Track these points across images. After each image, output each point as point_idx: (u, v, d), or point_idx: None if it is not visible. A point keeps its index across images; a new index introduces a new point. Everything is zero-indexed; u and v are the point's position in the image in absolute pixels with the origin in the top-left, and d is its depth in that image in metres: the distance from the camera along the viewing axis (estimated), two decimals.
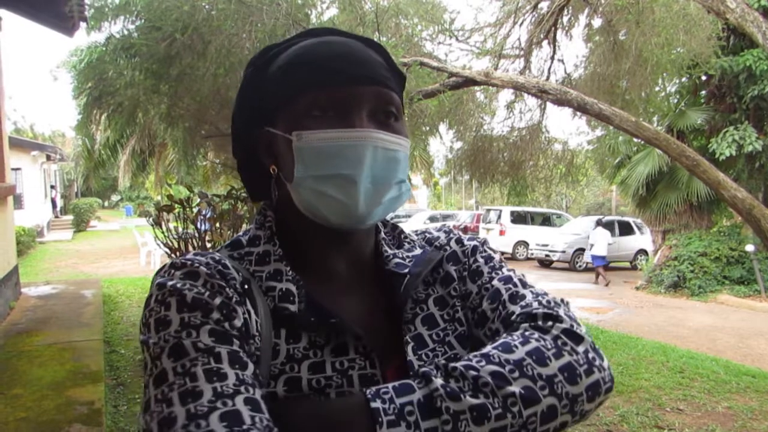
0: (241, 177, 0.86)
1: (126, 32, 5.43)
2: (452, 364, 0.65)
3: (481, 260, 0.85)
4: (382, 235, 0.86)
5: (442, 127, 9.09)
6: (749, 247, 11.67)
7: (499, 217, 19.90)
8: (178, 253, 5.19)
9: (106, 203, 41.08)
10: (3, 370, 4.57)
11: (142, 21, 5.24)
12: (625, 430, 4.29)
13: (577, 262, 17.00)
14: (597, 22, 7.60)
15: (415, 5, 6.46)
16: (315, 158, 0.70)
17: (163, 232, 5.02)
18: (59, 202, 30.25)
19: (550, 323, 0.72)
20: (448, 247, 0.86)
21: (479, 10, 27.26)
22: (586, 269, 17.03)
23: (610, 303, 11.26)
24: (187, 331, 0.61)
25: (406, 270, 0.80)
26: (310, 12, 5.48)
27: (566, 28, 7.87)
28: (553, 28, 7.50)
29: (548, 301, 0.76)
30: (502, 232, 19.63)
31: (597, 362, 0.71)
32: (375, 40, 0.84)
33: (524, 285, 0.81)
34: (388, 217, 0.85)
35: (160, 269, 0.70)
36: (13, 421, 3.58)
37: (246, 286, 0.69)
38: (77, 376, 4.45)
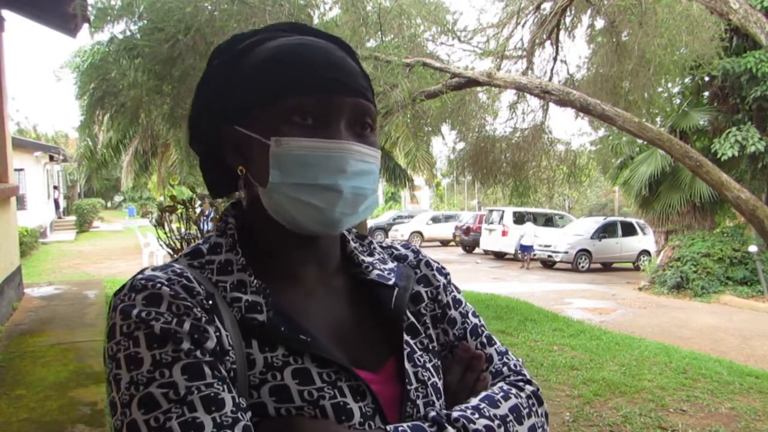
0: (201, 173, 0.84)
1: (129, 33, 5.44)
2: (453, 415, 0.71)
3: (452, 303, 0.89)
4: (353, 244, 0.85)
5: (445, 128, 9.10)
6: (752, 248, 11.64)
7: (502, 217, 19.88)
8: (179, 253, 5.19)
9: (108, 204, 41.16)
10: (6, 371, 4.58)
11: (145, 22, 5.25)
12: (628, 430, 4.28)
13: (580, 263, 16.99)
14: (600, 23, 7.59)
15: (418, 6, 6.46)
16: (294, 166, 0.69)
17: (165, 233, 5.03)
18: (62, 203, 30.31)
19: (521, 383, 0.82)
20: (418, 270, 0.89)
21: (482, 11, 27.26)
22: (589, 270, 17.04)
23: (613, 304, 11.24)
24: (160, 370, 0.60)
25: (391, 282, 0.81)
26: (312, 12, 5.48)
27: (569, 29, 7.86)
28: (555, 29, 7.49)
29: (515, 365, 0.86)
30: (504, 233, 19.61)
31: (546, 427, 0.80)
32: (344, 41, 0.82)
33: (489, 341, 0.88)
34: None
35: (120, 290, 0.67)
36: (16, 421, 3.58)
37: (211, 301, 0.67)
38: (80, 376, 4.46)
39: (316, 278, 0.78)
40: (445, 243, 24.99)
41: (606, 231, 17.85)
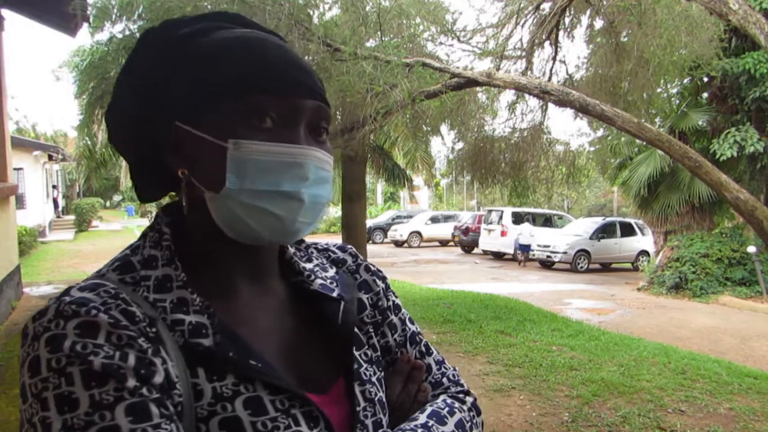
0: (130, 172, 0.74)
1: (128, 32, 5.44)
2: None
3: (392, 309, 0.86)
4: (292, 250, 0.80)
5: (444, 128, 9.11)
6: (751, 249, 11.65)
7: (501, 218, 19.89)
8: None
9: (107, 203, 41.14)
10: (5, 370, 4.58)
11: (145, 21, 5.25)
12: (627, 430, 4.28)
13: (578, 263, 17.00)
14: (599, 23, 7.60)
15: (418, 6, 6.46)
16: (255, 172, 0.63)
17: None
18: (61, 202, 30.29)
19: (462, 395, 0.82)
20: (357, 275, 0.85)
21: (481, 11, 27.30)
22: (588, 270, 17.05)
23: (612, 304, 11.24)
24: (100, 413, 0.52)
25: (335, 294, 0.77)
26: (312, 12, 5.48)
27: (568, 29, 7.86)
28: (555, 29, 7.50)
29: (453, 375, 0.86)
30: (503, 233, 19.62)
31: None
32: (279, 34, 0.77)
33: (428, 350, 0.87)
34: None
35: (41, 315, 0.58)
36: (15, 420, 3.58)
37: (155, 328, 0.60)
38: None
39: (256, 291, 0.73)
40: (444, 243, 24.99)
41: (605, 231, 17.87)
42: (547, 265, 17.78)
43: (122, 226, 27.95)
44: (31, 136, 29.79)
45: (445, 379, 0.84)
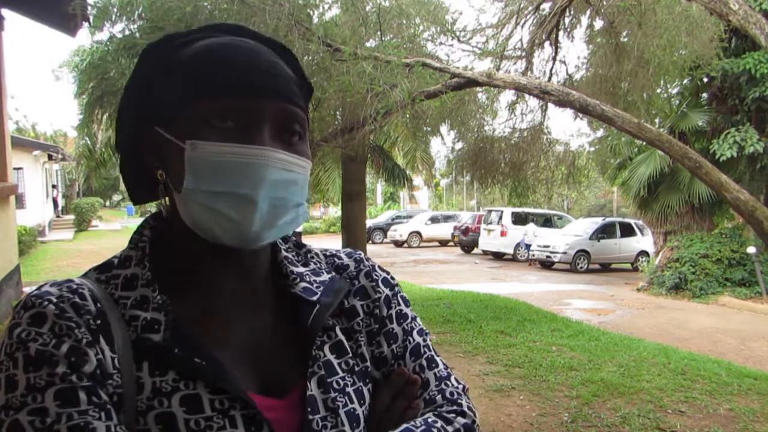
0: (122, 175, 0.78)
1: (128, 32, 5.44)
2: None
3: (394, 318, 0.82)
4: (284, 254, 0.79)
5: (444, 128, 9.11)
6: (751, 249, 11.65)
7: (501, 218, 19.89)
8: None
9: (107, 203, 41.17)
10: None
11: (145, 21, 5.25)
12: (627, 431, 4.28)
13: (578, 264, 17.01)
14: (599, 24, 7.60)
15: (418, 6, 6.46)
16: (208, 172, 0.64)
17: None
18: (61, 202, 30.29)
19: (453, 415, 0.75)
20: (356, 281, 0.82)
21: (481, 11, 27.30)
22: (588, 270, 17.05)
23: (612, 304, 11.25)
24: (33, 395, 0.57)
25: (315, 297, 0.76)
26: (312, 12, 5.48)
27: (568, 30, 7.86)
28: (555, 30, 7.50)
29: (452, 392, 0.78)
30: (503, 233, 19.63)
31: None
32: (285, 45, 0.78)
33: (430, 364, 0.81)
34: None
35: (17, 305, 0.64)
36: None
37: (99, 321, 0.63)
38: None
39: (235, 292, 0.73)
40: (443, 243, 24.99)
41: (605, 232, 17.87)
42: (546, 265, 17.78)
43: (122, 226, 27.95)
44: (30, 135, 29.80)
45: (439, 397, 0.77)
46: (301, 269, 0.79)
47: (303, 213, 0.72)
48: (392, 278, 0.86)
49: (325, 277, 0.80)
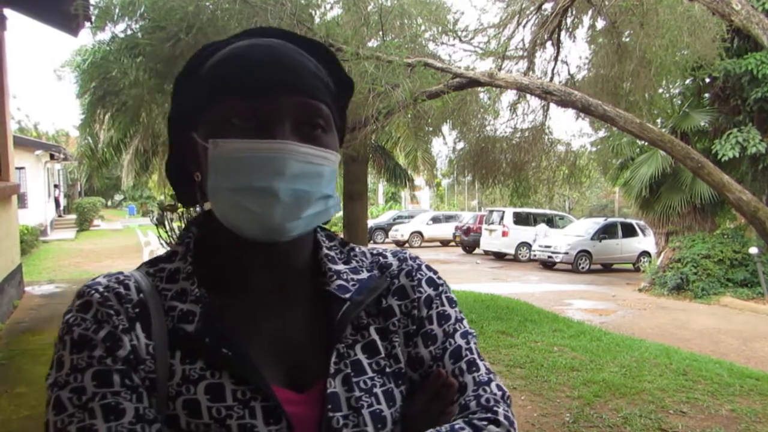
0: (169, 181, 0.83)
1: (130, 32, 5.44)
2: None
3: (435, 318, 0.80)
4: (325, 251, 0.80)
5: (445, 128, 9.11)
6: (753, 250, 11.63)
7: (502, 218, 19.88)
8: None
9: (109, 203, 41.16)
10: (7, 369, 4.58)
11: (147, 21, 5.25)
12: None
13: (580, 264, 16.99)
14: (601, 24, 7.59)
15: (419, 6, 6.46)
16: (229, 168, 0.67)
17: (166, 232, 5.03)
18: (62, 202, 30.31)
19: (485, 422, 0.71)
20: (396, 280, 0.81)
21: (483, 11, 27.27)
22: (589, 271, 17.04)
23: (613, 305, 11.24)
24: (74, 375, 0.63)
25: (347, 295, 0.76)
26: (314, 12, 5.48)
27: (570, 30, 7.85)
28: (557, 30, 7.49)
29: (488, 399, 0.74)
30: (504, 234, 19.62)
31: None
32: (322, 43, 0.80)
33: (470, 368, 0.77)
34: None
35: (78, 292, 0.70)
36: (17, 419, 3.58)
37: (138, 310, 0.67)
38: None
39: (271, 287, 0.75)
40: (445, 243, 24.98)
41: (606, 232, 17.86)
42: (548, 265, 17.77)
43: (123, 226, 27.98)
44: (33, 135, 29.84)
45: (473, 403, 0.74)
46: (340, 267, 0.80)
47: (333, 205, 0.73)
48: (438, 278, 0.84)
49: (364, 275, 0.80)
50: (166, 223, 5.07)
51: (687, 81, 11.98)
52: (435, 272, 0.85)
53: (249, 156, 0.67)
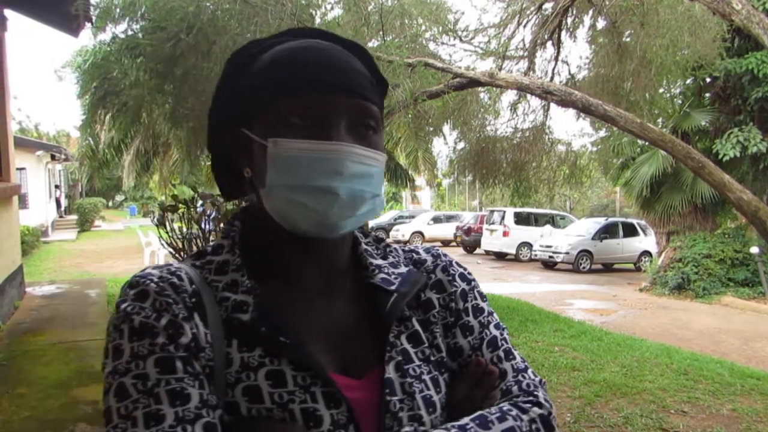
0: (213, 175, 0.85)
1: (131, 32, 5.45)
2: None
3: (471, 311, 0.85)
4: (364, 246, 0.84)
5: (446, 128, 9.11)
6: (754, 249, 11.63)
7: (503, 218, 19.87)
8: (181, 253, 5.20)
9: (110, 203, 41.17)
10: (8, 369, 4.59)
11: (147, 21, 5.26)
12: (629, 431, 4.28)
13: (581, 264, 16.99)
14: (601, 24, 7.59)
15: (420, 6, 6.46)
16: (289, 167, 0.70)
17: (167, 232, 5.03)
18: (63, 202, 30.33)
19: (529, 405, 0.76)
20: (433, 275, 0.86)
21: (483, 11, 27.29)
22: (590, 271, 17.03)
23: (614, 304, 11.23)
24: (136, 362, 0.64)
25: (393, 287, 0.79)
26: (314, 12, 5.48)
27: (570, 30, 7.85)
28: (557, 30, 7.49)
29: (528, 384, 0.79)
30: (505, 233, 19.61)
31: None
32: (360, 44, 0.83)
33: (507, 356, 0.82)
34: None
35: (124, 285, 0.71)
36: (18, 420, 3.59)
37: (195, 299, 0.69)
38: (82, 375, 4.46)
39: (318, 280, 0.78)
40: (446, 243, 24.95)
41: (607, 232, 17.84)
42: (549, 265, 17.77)
43: (124, 226, 28.00)
44: (33, 136, 29.86)
45: (516, 388, 0.79)
46: (380, 261, 0.83)
47: (380, 204, 0.76)
48: (469, 274, 0.89)
49: (403, 269, 0.84)
50: (167, 223, 5.07)
51: (687, 81, 11.97)
52: (465, 268, 0.90)
53: (309, 156, 0.69)
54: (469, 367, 0.81)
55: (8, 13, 6.82)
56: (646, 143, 9.19)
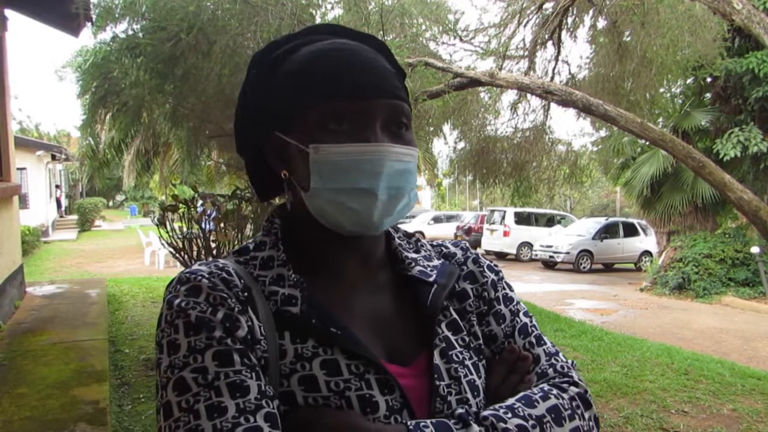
0: (248, 176, 0.88)
1: (131, 32, 5.45)
2: (483, 413, 0.71)
3: (501, 300, 0.88)
4: (398, 241, 0.88)
5: (446, 128, 9.10)
6: (754, 249, 11.62)
7: (503, 218, 19.87)
8: (182, 253, 5.21)
9: (110, 203, 41.18)
10: (8, 369, 4.58)
11: (148, 21, 5.25)
12: (630, 431, 4.27)
13: (581, 264, 16.98)
14: (602, 23, 7.59)
15: (420, 5, 6.46)
16: (332, 172, 0.72)
17: (167, 232, 5.03)
18: (64, 202, 30.34)
19: (566, 384, 0.80)
20: (465, 267, 0.89)
21: (484, 11, 27.29)
22: (591, 270, 17.03)
23: (615, 304, 11.23)
24: (194, 356, 0.65)
25: (432, 279, 0.83)
26: (314, 12, 5.48)
27: (571, 29, 7.85)
28: (557, 29, 7.49)
29: (562, 366, 0.84)
30: (506, 233, 19.61)
31: (595, 430, 0.79)
32: (377, 37, 0.84)
33: (539, 341, 0.87)
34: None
35: (170, 282, 0.72)
36: (18, 420, 3.58)
37: (246, 294, 0.71)
38: (82, 375, 4.46)
39: (358, 274, 0.81)
40: None
41: (608, 232, 17.85)
42: (549, 265, 17.76)
43: (125, 226, 27.99)
44: (34, 136, 29.85)
45: (551, 370, 0.83)
46: (414, 255, 0.87)
47: (414, 196, 0.78)
48: (495, 265, 0.93)
49: (437, 262, 0.87)
50: (167, 223, 5.07)
51: (688, 80, 11.98)
52: (490, 260, 0.93)
53: (351, 159, 0.71)
54: (503, 354, 0.84)
55: (8, 12, 6.81)
56: (647, 143, 9.20)
